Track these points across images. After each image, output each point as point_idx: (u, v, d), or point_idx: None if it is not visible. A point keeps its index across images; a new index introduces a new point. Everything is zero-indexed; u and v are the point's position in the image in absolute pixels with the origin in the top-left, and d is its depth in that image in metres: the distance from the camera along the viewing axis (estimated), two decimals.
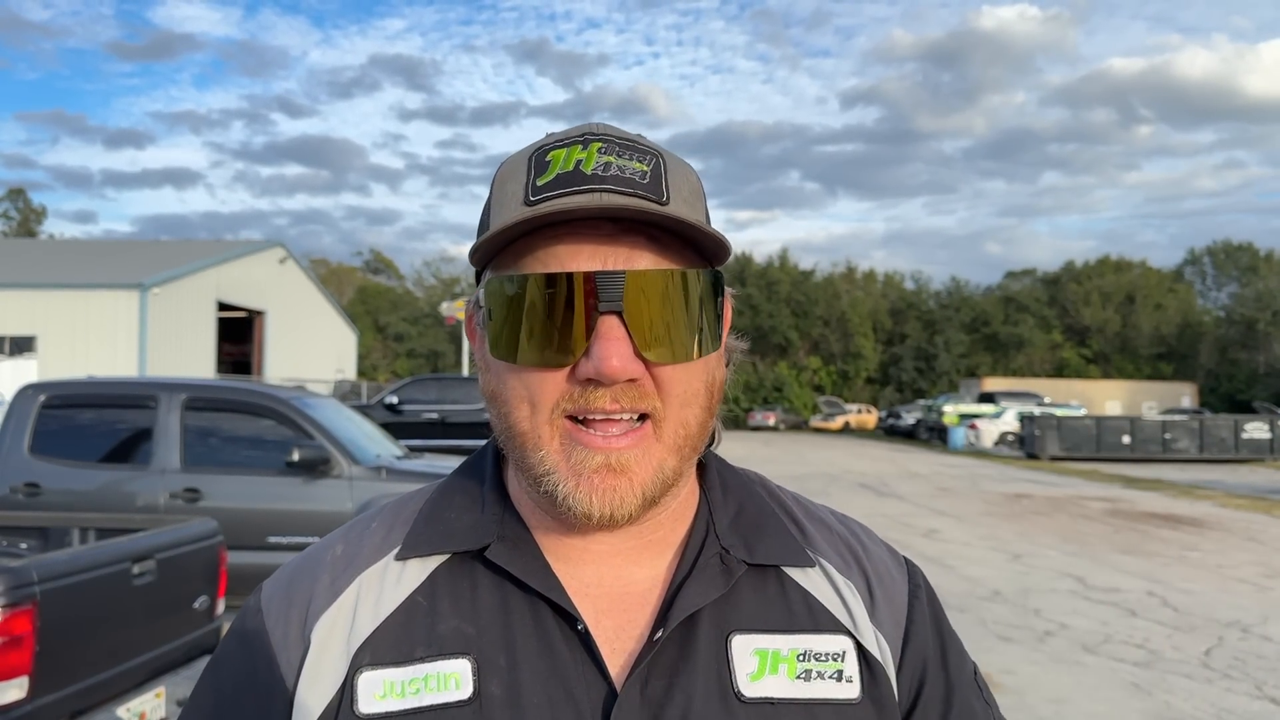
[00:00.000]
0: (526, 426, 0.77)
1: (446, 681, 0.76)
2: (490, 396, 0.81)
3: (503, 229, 0.74)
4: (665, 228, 0.76)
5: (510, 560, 0.80)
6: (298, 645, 0.80)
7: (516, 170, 0.79)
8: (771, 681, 0.79)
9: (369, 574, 0.82)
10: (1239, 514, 15.64)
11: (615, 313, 0.74)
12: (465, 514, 0.84)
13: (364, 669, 0.77)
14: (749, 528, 0.86)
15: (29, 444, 6.46)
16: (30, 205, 72.07)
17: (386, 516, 0.88)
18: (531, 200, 0.76)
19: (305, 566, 0.86)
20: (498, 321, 0.77)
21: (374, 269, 76.83)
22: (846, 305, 64.16)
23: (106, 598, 3.57)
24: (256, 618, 0.83)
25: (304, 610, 0.81)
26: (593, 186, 0.74)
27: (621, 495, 0.76)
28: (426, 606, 0.80)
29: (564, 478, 0.76)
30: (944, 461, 28.37)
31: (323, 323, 41.29)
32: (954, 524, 13.70)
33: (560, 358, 0.75)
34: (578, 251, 0.75)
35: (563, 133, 0.80)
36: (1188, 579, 9.64)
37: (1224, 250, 69.95)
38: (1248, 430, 29.40)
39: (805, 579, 0.85)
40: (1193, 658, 6.68)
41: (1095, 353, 65.50)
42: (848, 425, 53.37)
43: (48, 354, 27.23)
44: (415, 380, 18.31)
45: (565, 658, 0.77)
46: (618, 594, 0.82)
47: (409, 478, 6.50)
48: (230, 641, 0.85)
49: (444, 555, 0.82)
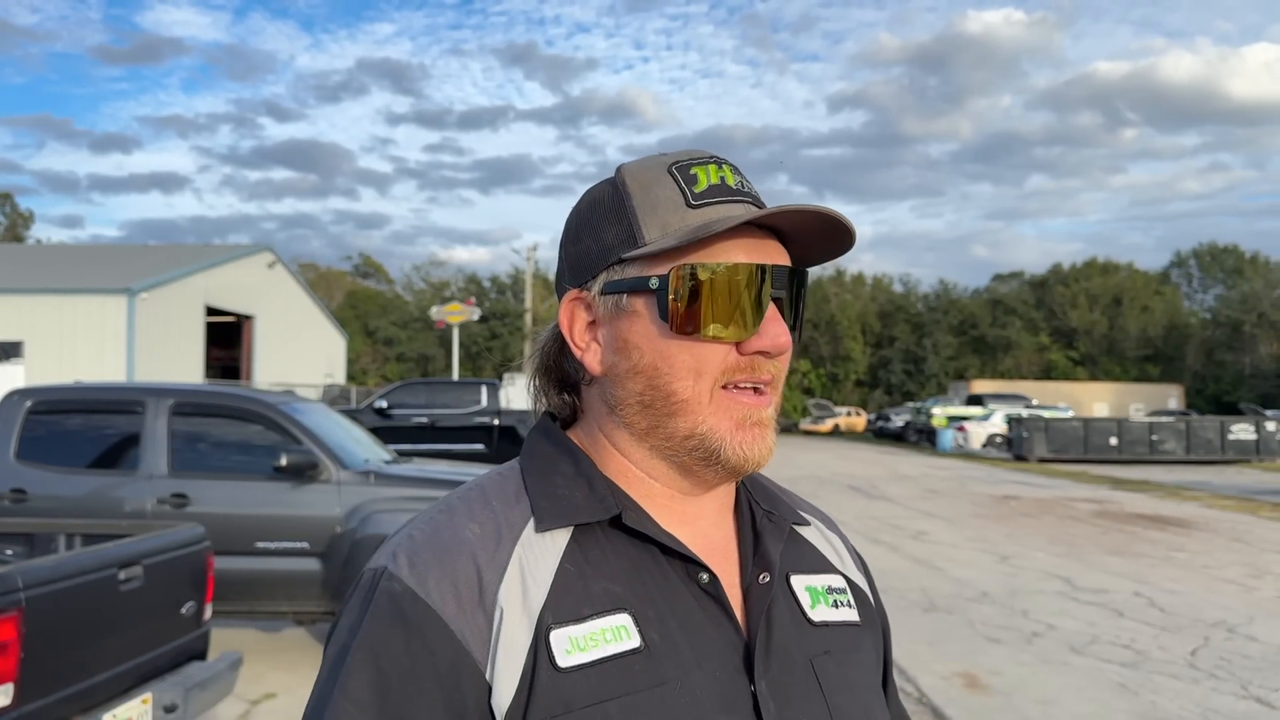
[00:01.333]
0: (689, 394, 0.90)
1: (619, 634, 0.86)
2: (638, 370, 0.91)
3: (732, 227, 0.88)
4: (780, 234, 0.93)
5: (642, 524, 0.91)
6: (479, 616, 0.84)
7: (658, 178, 0.93)
8: (823, 609, 0.98)
9: (521, 544, 0.89)
10: (1225, 515, 15.73)
11: (779, 299, 0.91)
12: (576, 491, 0.93)
13: (552, 628, 0.85)
14: (767, 497, 1.03)
15: (15, 450, 6.43)
16: (17, 210, 71.72)
17: (496, 495, 0.94)
18: (694, 204, 0.90)
19: (449, 545, 0.87)
20: (683, 301, 0.88)
21: (363, 273, 76.63)
22: (835, 308, 64.29)
23: (93, 604, 3.56)
24: (418, 601, 0.84)
25: (475, 584, 0.85)
26: (740, 198, 0.91)
27: (766, 444, 0.92)
28: (575, 572, 0.89)
29: (727, 430, 0.90)
30: (933, 464, 28.44)
31: (312, 327, 41.18)
32: (943, 526, 13.74)
33: (742, 333, 0.89)
34: (747, 248, 0.90)
35: (685, 154, 0.95)
36: (1174, 580, 9.69)
37: (1210, 253, 70.34)
38: (1234, 432, 29.56)
39: (807, 534, 1.05)
40: (1179, 658, 6.72)
41: (1082, 355, 65.76)
42: (837, 428, 53.46)
43: (35, 359, 27.08)
44: (405, 385, 18.30)
45: (693, 604, 0.89)
46: (708, 549, 0.94)
47: (398, 483, 6.49)
48: (383, 628, 0.84)
49: (569, 528, 0.91)
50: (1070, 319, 65.43)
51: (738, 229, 0.89)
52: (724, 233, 0.88)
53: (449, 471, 7.07)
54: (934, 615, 8.00)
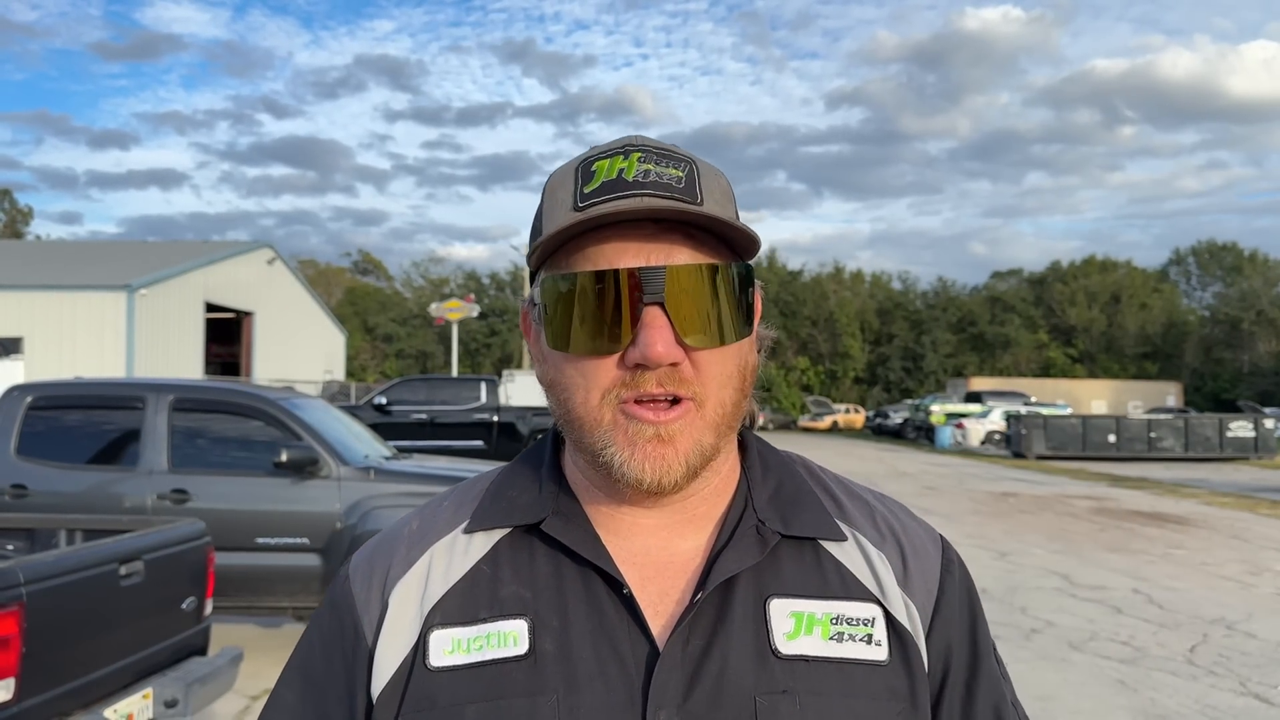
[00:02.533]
0: (583, 411, 0.85)
1: (506, 639, 0.85)
2: (549, 385, 0.89)
3: (557, 231, 0.82)
4: (700, 226, 0.84)
5: (563, 532, 0.89)
6: (377, 607, 0.90)
7: (565, 180, 0.87)
8: (806, 641, 0.86)
9: (440, 545, 0.92)
10: (1224, 512, 15.74)
11: (658, 304, 0.82)
12: (525, 493, 0.93)
13: (435, 628, 0.87)
14: (786, 503, 0.93)
15: (15, 445, 6.43)
16: (16, 206, 71.64)
17: (457, 496, 0.98)
18: (580, 206, 0.84)
19: (386, 539, 0.97)
20: (553, 316, 0.85)
21: (363, 270, 76.61)
22: (834, 306, 64.30)
23: (94, 599, 3.56)
24: (345, 584, 0.95)
25: (384, 576, 0.92)
26: (635, 192, 0.83)
27: (669, 463, 0.84)
28: (490, 574, 0.89)
29: (620, 448, 0.84)
30: (931, 461, 28.46)
31: (311, 324, 41.16)
32: (941, 522, 13.74)
33: (610, 345, 0.83)
34: (624, 250, 0.83)
35: (606, 145, 0.89)
36: (1173, 577, 9.70)
37: (1208, 250, 70.33)
38: (1232, 429, 29.56)
39: (839, 551, 0.92)
40: (1178, 654, 6.72)
41: (1081, 352, 65.77)
42: (836, 425, 53.49)
43: (35, 355, 27.04)
44: (404, 381, 18.28)
45: (612, 619, 0.85)
46: (663, 563, 0.89)
47: (398, 478, 6.50)
48: (324, 605, 0.97)
49: (506, 529, 0.92)
50: (1069, 316, 65.44)
51: (622, 226, 0.83)
52: (605, 235, 0.83)
53: (448, 468, 7.08)
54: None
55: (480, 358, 59.45)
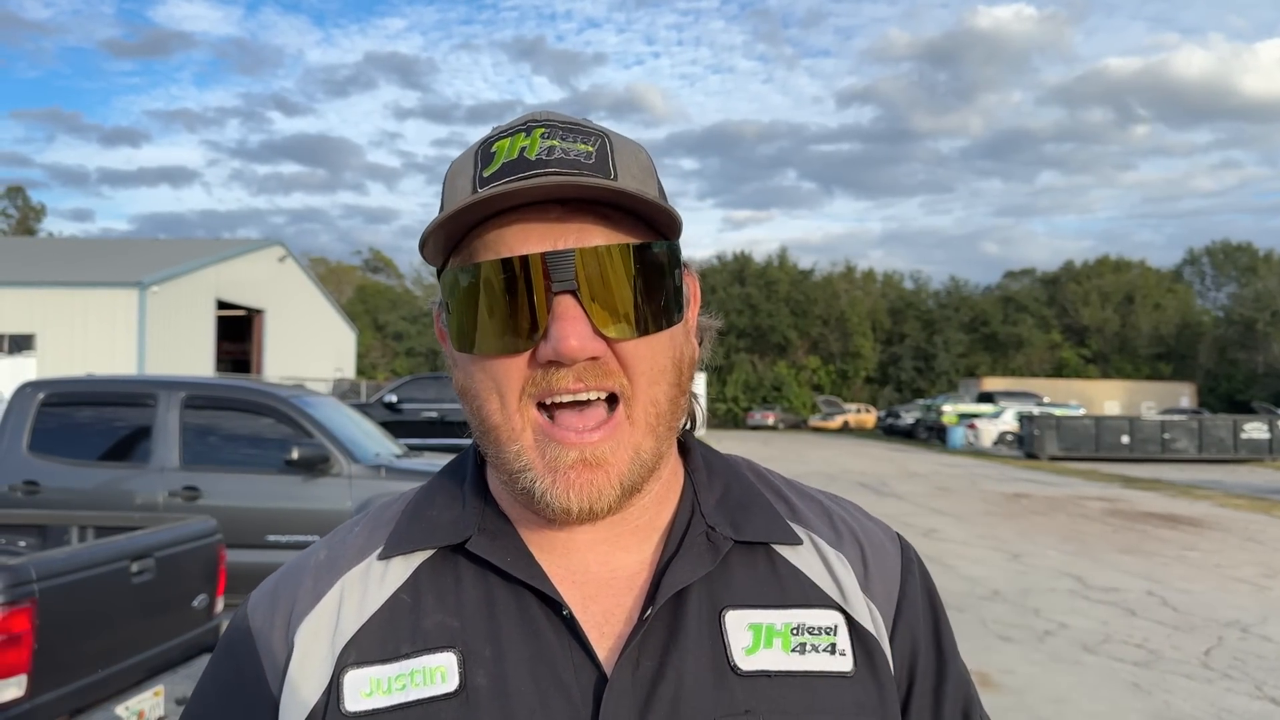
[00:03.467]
0: (498, 419, 0.77)
1: (432, 676, 0.76)
2: (461, 392, 0.81)
3: (445, 218, 0.74)
4: (614, 205, 0.76)
5: (491, 551, 0.80)
6: (282, 648, 0.81)
7: (465, 165, 0.79)
8: (766, 655, 0.79)
9: (351, 575, 0.83)
10: (1238, 514, 15.64)
11: (569, 291, 0.73)
12: (446, 511, 0.84)
13: (349, 668, 0.78)
14: (735, 507, 0.86)
15: (28, 442, 6.45)
16: (29, 203, 72.03)
17: (370, 520, 0.89)
18: (478, 190, 0.75)
19: (290, 573, 0.86)
20: (456, 314, 0.77)
21: (373, 268, 76.80)
22: (845, 305, 64.15)
23: (105, 596, 3.56)
24: (243, 623, 0.85)
25: (287, 614, 0.82)
26: (537, 171, 0.74)
27: (599, 488, 0.75)
28: (410, 603, 0.80)
29: (540, 474, 0.76)
30: (943, 461, 28.37)
31: (322, 321, 41.27)
32: (953, 523, 13.70)
33: (519, 342, 0.74)
34: (528, 235, 0.74)
35: (507, 123, 0.81)
36: (1187, 579, 9.64)
37: (1223, 250, 69.98)
38: (1246, 430, 29.41)
39: (795, 555, 0.85)
40: (1192, 657, 6.67)
41: (1094, 353, 65.52)
42: (846, 425, 53.38)
43: (47, 352, 27.20)
44: (414, 379, 18.28)
45: (552, 644, 0.77)
46: (605, 579, 0.81)
47: (408, 476, 6.49)
48: (220, 648, 0.87)
49: (427, 552, 0.82)
50: (1082, 316, 65.20)
51: (525, 210, 0.75)
52: (507, 220, 0.75)
53: None
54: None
55: None
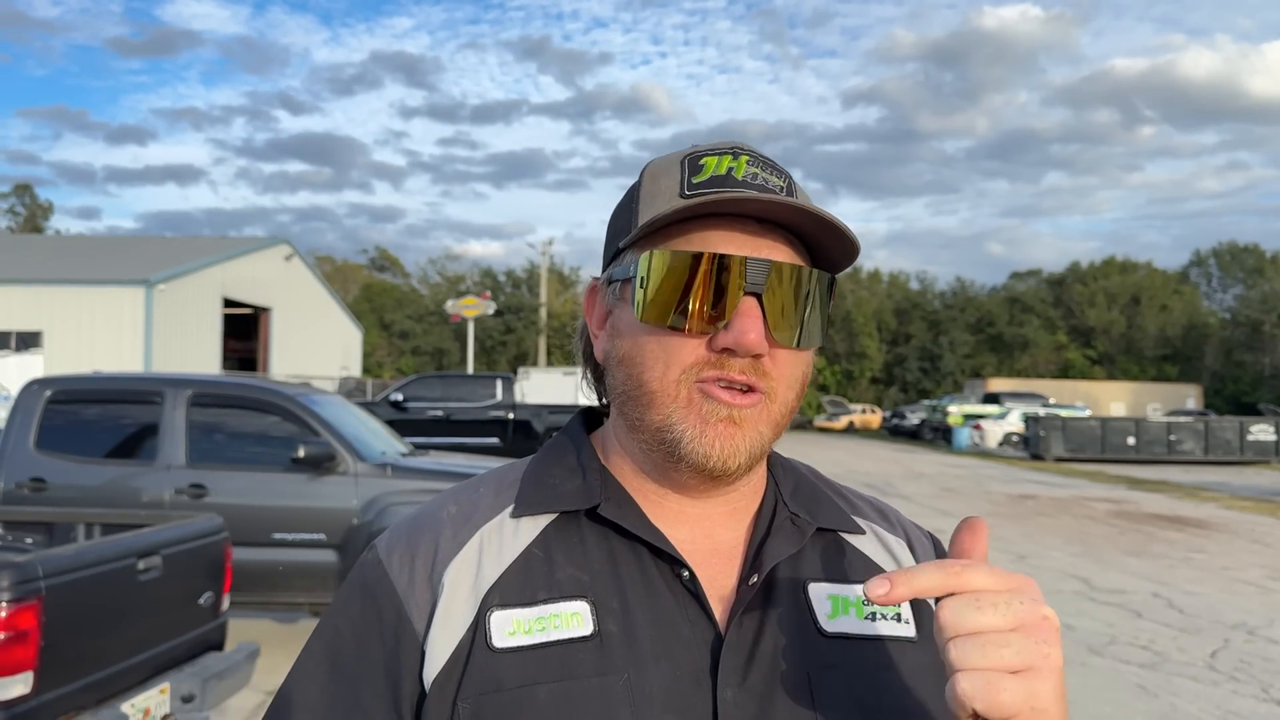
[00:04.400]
0: (658, 385, 0.86)
1: (570, 620, 0.84)
2: (621, 358, 0.90)
3: (671, 212, 0.84)
4: (799, 232, 0.88)
5: (620, 516, 0.89)
6: (425, 590, 0.87)
7: (669, 169, 0.90)
8: (845, 620, 0.90)
9: (489, 527, 0.90)
10: (1244, 516, 15.61)
11: (755, 294, 0.84)
12: (568, 480, 0.93)
13: (494, 609, 0.85)
14: (807, 499, 0.97)
15: (35, 439, 6.46)
16: (37, 201, 72.20)
17: (490, 482, 0.97)
18: (688, 194, 0.86)
19: (422, 523, 0.93)
20: (652, 290, 0.86)
21: (379, 266, 76.83)
22: (851, 305, 64.09)
23: (111, 593, 3.57)
24: (377, 569, 0.91)
25: (430, 559, 0.89)
26: (748, 189, 0.85)
27: (736, 445, 0.85)
28: (542, 557, 0.88)
29: (691, 425, 0.85)
30: (948, 462, 28.34)
31: (328, 320, 41.32)
32: None
33: (704, 326, 0.84)
34: (729, 239, 0.86)
35: (711, 144, 0.92)
36: (1193, 581, 9.62)
37: (1230, 252, 69.80)
38: (1253, 432, 29.34)
39: (859, 542, 0.98)
40: (1199, 660, 6.66)
41: (1100, 354, 65.39)
42: (852, 425, 53.32)
43: (54, 349, 27.26)
44: (420, 378, 18.31)
45: (670, 601, 0.86)
46: (709, 550, 0.91)
47: (414, 475, 6.50)
48: (349, 594, 0.92)
49: (552, 515, 0.91)
50: (1088, 318, 65.06)
51: (729, 219, 0.86)
52: (711, 224, 0.86)
53: (464, 464, 7.08)
54: None
55: (496, 355, 59.45)
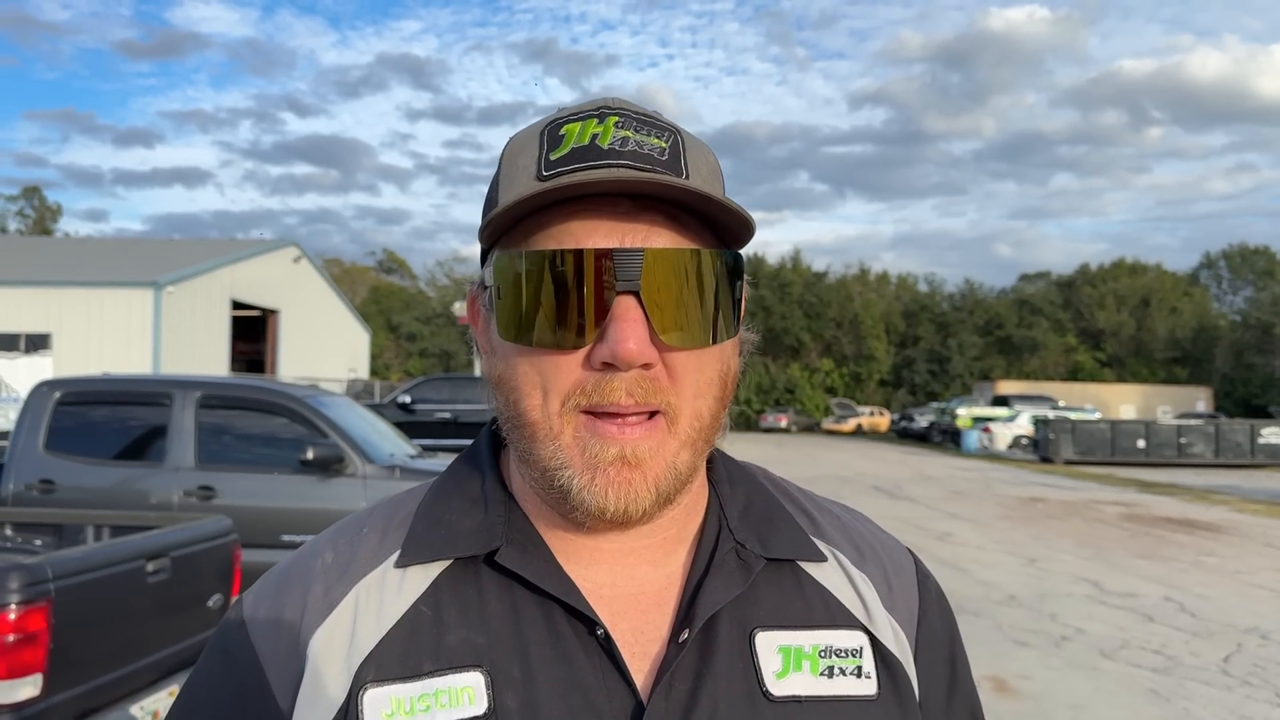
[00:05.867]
0: (538, 415, 0.73)
1: (459, 696, 0.71)
2: (496, 382, 0.76)
3: (516, 202, 0.70)
4: (685, 206, 0.72)
5: (522, 564, 0.75)
6: (290, 661, 0.75)
7: (528, 144, 0.75)
8: (796, 679, 0.76)
9: (366, 582, 0.77)
10: (1256, 519, 15.52)
11: (632, 293, 0.70)
12: (467, 516, 0.79)
13: (369, 685, 0.72)
14: (760, 521, 0.83)
15: (44, 441, 6.47)
16: (46, 203, 72.50)
17: (378, 520, 0.82)
18: (545, 175, 0.72)
19: (293, 576, 0.80)
20: (507, 301, 0.73)
21: (387, 269, 77.01)
22: (859, 307, 63.99)
23: (120, 595, 3.56)
24: (239, 632, 0.78)
25: (296, 623, 0.76)
26: (609, 161, 0.71)
27: (636, 489, 0.72)
28: (431, 616, 0.75)
29: (578, 471, 0.72)
30: (957, 465, 28.25)
31: (336, 322, 41.39)
32: (968, 527, 13.63)
33: (574, 339, 0.71)
34: (594, 228, 0.71)
35: (576, 106, 0.77)
36: (1205, 584, 9.56)
37: (1240, 254, 69.55)
38: (1264, 435, 29.19)
39: (820, 573, 0.83)
40: (1212, 664, 6.61)
41: (1110, 356, 65.18)
42: (860, 428, 53.21)
43: (63, 351, 27.35)
44: (428, 380, 18.33)
45: (584, 665, 0.73)
46: (632, 595, 0.78)
47: (422, 477, 6.48)
48: (210, 660, 0.80)
49: (446, 562, 0.77)
50: (1097, 320, 64.87)
51: (593, 201, 0.71)
52: (572, 210, 0.71)
53: None
54: (961, 618, 7.88)
55: None
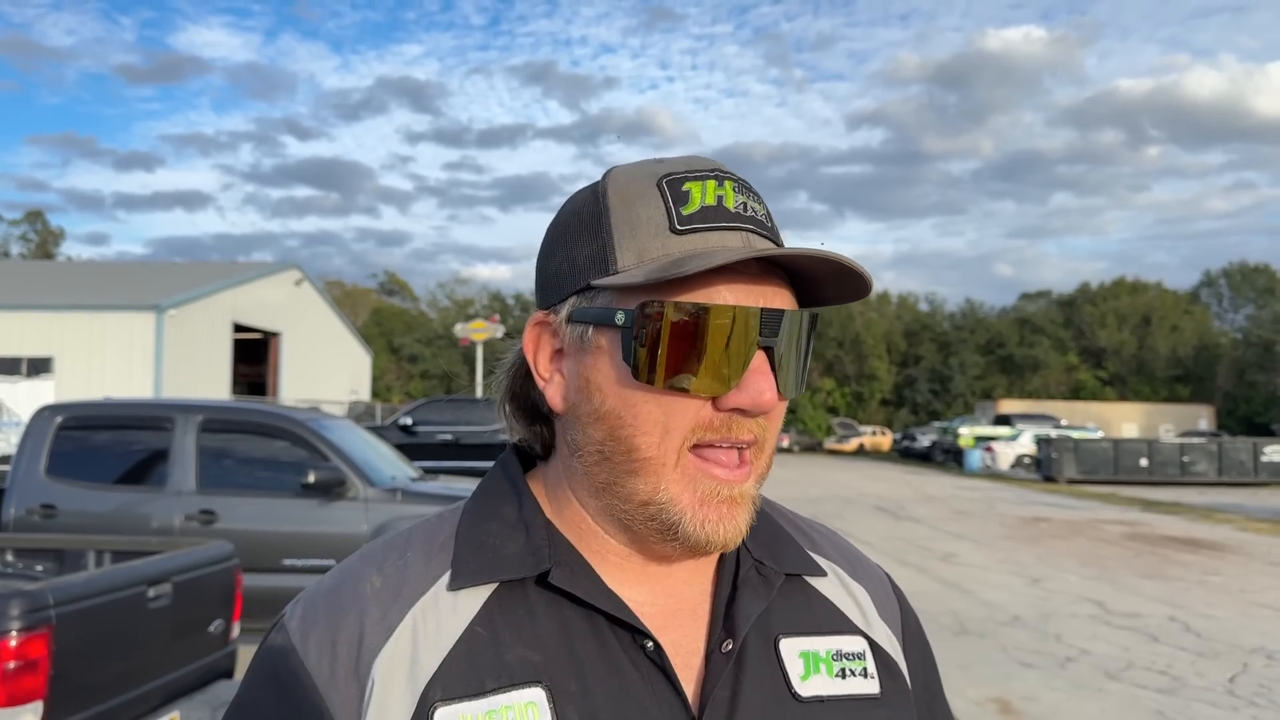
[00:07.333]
0: (653, 452, 0.77)
1: (524, 712, 0.75)
2: (601, 416, 0.79)
3: (714, 267, 0.73)
4: (793, 269, 0.80)
5: (573, 584, 0.80)
6: (351, 685, 0.77)
7: (643, 192, 0.79)
8: (817, 681, 0.83)
9: (422, 604, 0.80)
10: (1260, 538, 15.47)
11: (768, 349, 0.77)
12: (509, 540, 0.83)
13: (438, 704, 0.75)
14: (769, 540, 0.89)
15: (45, 465, 6.46)
16: (48, 227, 72.75)
17: (419, 543, 0.85)
18: (679, 229, 0.77)
19: (342, 601, 0.82)
20: (651, 345, 0.76)
21: (388, 290, 77.13)
22: (861, 327, 64.04)
23: (122, 621, 3.55)
24: (290, 659, 0.79)
25: (354, 647, 0.78)
26: (738, 225, 0.78)
27: (738, 524, 0.79)
28: (487, 636, 0.78)
29: (687, 506, 0.78)
30: (960, 484, 28.19)
31: (337, 344, 41.43)
32: (972, 548, 13.59)
33: (718, 387, 0.76)
34: (736, 288, 0.77)
35: (684, 162, 0.82)
36: (1210, 604, 9.52)
37: (1240, 272, 69.61)
38: (1267, 453, 29.14)
39: (822, 586, 0.91)
40: (1217, 684, 6.58)
41: (1111, 375, 65.15)
42: (862, 447, 53.15)
43: (65, 375, 27.38)
44: (429, 401, 18.32)
45: (633, 677, 0.78)
46: (670, 610, 0.83)
47: (424, 500, 6.48)
48: (257, 689, 0.81)
49: (494, 584, 0.81)
50: (1099, 338, 64.88)
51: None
52: (715, 270, 0.76)
53: (474, 489, 7.05)
54: (965, 639, 7.89)
55: None
